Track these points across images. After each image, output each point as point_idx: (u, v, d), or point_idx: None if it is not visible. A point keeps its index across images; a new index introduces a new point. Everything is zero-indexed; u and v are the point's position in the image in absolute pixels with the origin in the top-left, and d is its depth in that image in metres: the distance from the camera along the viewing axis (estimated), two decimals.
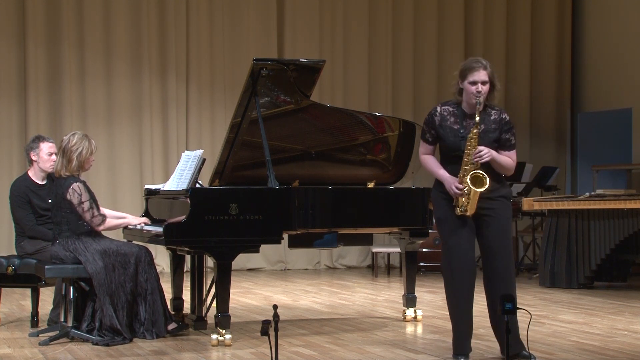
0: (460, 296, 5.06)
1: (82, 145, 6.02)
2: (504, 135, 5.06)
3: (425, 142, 5.17)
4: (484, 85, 4.95)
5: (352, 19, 11.81)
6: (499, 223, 5.06)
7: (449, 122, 5.06)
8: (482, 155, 4.92)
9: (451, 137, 5.03)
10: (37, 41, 10.38)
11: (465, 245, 5.03)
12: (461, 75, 5.02)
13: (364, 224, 6.33)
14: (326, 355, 5.45)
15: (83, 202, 5.93)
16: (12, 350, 5.63)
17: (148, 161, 10.84)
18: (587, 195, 9.15)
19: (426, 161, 5.19)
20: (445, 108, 5.11)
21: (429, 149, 5.18)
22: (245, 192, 5.84)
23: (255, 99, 6.06)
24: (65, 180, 5.97)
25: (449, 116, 5.07)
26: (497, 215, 5.05)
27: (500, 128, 5.05)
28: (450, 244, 5.06)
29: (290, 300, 8.26)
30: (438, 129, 5.07)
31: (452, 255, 5.05)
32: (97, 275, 5.78)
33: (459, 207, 5.00)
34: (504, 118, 5.08)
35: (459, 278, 5.04)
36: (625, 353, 5.48)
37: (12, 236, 7.42)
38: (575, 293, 8.64)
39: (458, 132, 5.01)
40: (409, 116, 11.38)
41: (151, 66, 10.84)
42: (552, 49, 12.72)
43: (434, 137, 5.13)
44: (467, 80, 4.97)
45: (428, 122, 5.14)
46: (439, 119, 5.08)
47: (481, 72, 4.95)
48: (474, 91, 4.94)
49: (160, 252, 9.78)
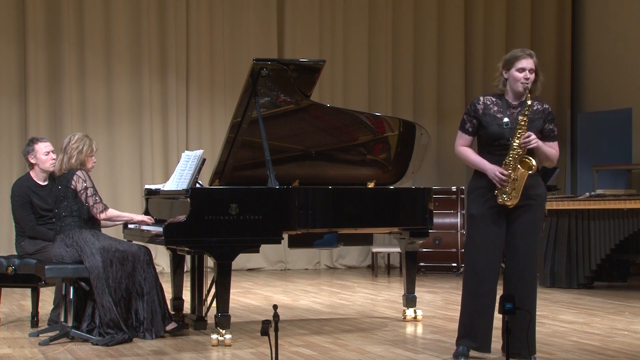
0: (482, 297, 5.05)
1: (83, 143, 6.08)
2: (547, 125, 5.11)
3: (465, 132, 5.14)
4: (531, 72, 5.01)
5: (352, 19, 11.81)
6: (529, 222, 5.06)
7: (493, 111, 5.07)
8: (531, 140, 4.93)
9: (495, 126, 5.03)
10: (37, 41, 10.38)
11: (493, 246, 5.04)
12: (506, 65, 5.06)
13: (364, 224, 6.33)
14: (326, 355, 5.45)
15: (87, 187, 5.98)
16: (12, 350, 5.63)
17: (148, 161, 10.84)
18: (587, 195, 9.15)
19: (465, 152, 5.15)
20: (488, 98, 5.14)
21: (468, 140, 5.16)
22: (245, 192, 5.84)
23: (256, 99, 6.07)
24: (67, 172, 6.03)
25: (492, 105, 5.09)
26: (531, 215, 5.06)
27: (544, 118, 5.10)
28: (479, 243, 5.05)
29: (290, 300, 8.26)
30: (481, 117, 5.07)
31: (478, 255, 5.05)
32: (94, 270, 5.80)
33: (501, 196, 4.98)
34: (546, 108, 5.14)
35: (484, 279, 5.03)
36: (625, 353, 5.48)
37: (12, 236, 7.42)
38: (575, 293, 8.64)
39: (502, 120, 5.03)
40: (409, 116, 11.39)
41: (151, 66, 10.84)
42: (552, 49, 12.72)
43: (474, 127, 5.11)
44: (515, 68, 5.01)
45: (470, 111, 5.13)
46: (482, 108, 5.09)
47: (529, 60, 5.01)
48: (521, 78, 4.99)
49: (160, 252, 9.78)
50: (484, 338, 5.11)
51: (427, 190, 6.56)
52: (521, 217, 5.05)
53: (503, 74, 5.10)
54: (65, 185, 6.00)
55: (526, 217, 5.05)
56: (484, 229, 5.05)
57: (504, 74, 5.09)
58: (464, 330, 5.14)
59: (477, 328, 5.09)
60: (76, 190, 5.98)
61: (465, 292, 5.16)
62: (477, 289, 5.07)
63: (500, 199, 5.00)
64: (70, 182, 5.99)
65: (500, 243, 5.07)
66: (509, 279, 5.10)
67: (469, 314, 5.11)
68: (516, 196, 4.98)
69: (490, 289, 5.06)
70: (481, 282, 5.05)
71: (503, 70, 5.09)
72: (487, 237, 5.04)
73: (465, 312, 5.14)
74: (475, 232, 5.09)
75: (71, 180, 5.99)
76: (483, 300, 5.06)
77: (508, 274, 5.12)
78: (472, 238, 5.11)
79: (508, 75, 5.07)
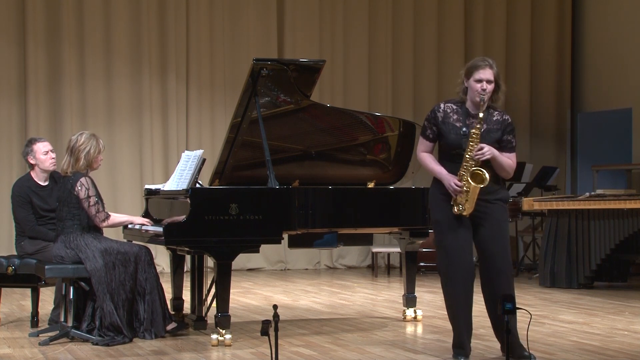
0: (459, 298, 5.04)
1: (90, 144, 6.04)
2: (505, 136, 5.06)
3: (426, 139, 5.15)
4: (489, 84, 4.97)
5: (352, 19, 11.81)
6: (496, 225, 5.04)
7: (452, 120, 5.05)
8: (484, 152, 4.91)
9: (453, 134, 5.02)
10: (37, 41, 10.38)
11: (463, 246, 5.01)
12: (467, 73, 5.04)
13: (364, 224, 6.32)
14: (326, 355, 5.45)
15: (90, 196, 5.95)
16: (12, 350, 5.63)
17: (148, 161, 10.84)
18: (587, 195, 9.15)
19: (424, 159, 5.16)
20: (448, 105, 5.11)
21: (429, 147, 5.16)
22: (245, 192, 5.84)
23: (256, 99, 6.07)
24: (72, 176, 6.01)
25: (452, 113, 5.07)
26: (494, 218, 5.04)
27: (502, 129, 5.06)
28: (448, 245, 5.03)
29: (290, 300, 8.26)
30: (440, 126, 5.06)
31: (449, 257, 5.02)
32: (95, 273, 5.79)
33: (457, 206, 4.99)
34: (506, 119, 5.09)
35: (457, 280, 5.01)
36: (625, 353, 5.48)
37: (12, 236, 7.42)
38: (575, 293, 8.64)
39: (460, 129, 5.00)
40: (409, 116, 11.38)
41: (151, 66, 10.84)
42: (552, 49, 12.72)
43: (434, 134, 5.11)
44: (473, 78, 4.98)
45: (430, 118, 5.13)
46: (441, 116, 5.08)
47: (487, 71, 4.97)
48: (478, 89, 4.95)
49: (160, 252, 9.78)
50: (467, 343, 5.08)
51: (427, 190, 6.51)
52: (485, 221, 5.03)
53: (464, 81, 5.06)
54: (69, 190, 5.98)
55: (490, 221, 5.03)
56: (451, 233, 5.01)
57: (465, 82, 5.05)
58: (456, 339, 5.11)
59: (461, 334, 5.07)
60: (79, 198, 5.96)
61: (445, 298, 5.12)
62: (452, 290, 5.04)
63: (455, 209, 4.99)
64: (74, 188, 5.96)
65: (469, 244, 5.04)
66: (486, 281, 5.06)
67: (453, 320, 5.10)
68: (470, 207, 4.97)
69: (465, 290, 5.03)
70: (455, 282, 5.02)
71: (465, 78, 5.05)
72: (455, 240, 5.01)
73: (450, 318, 5.13)
74: (443, 237, 5.06)
75: (75, 186, 5.95)
76: (459, 300, 5.04)
77: (484, 277, 5.08)
78: (441, 243, 5.07)
79: (468, 84, 5.03)
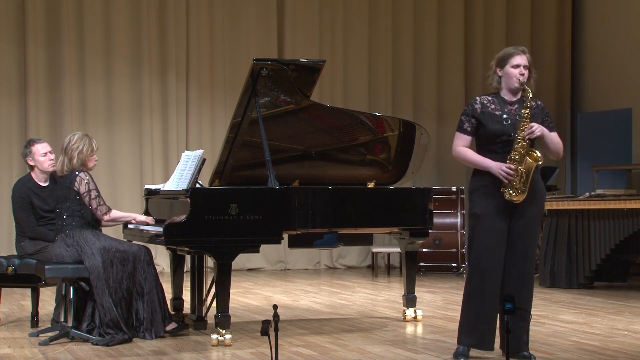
0: (486, 296, 5.04)
1: (83, 143, 6.06)
2: (545, 118, 5.14)
3: (464, 132, 5.14)
4: (525, 69, 5.05)
5: (352, 19, 11.81)
6: (533, 216, 5.09)
7: (491, 109, 5.09)
8: (534, 129, 4.96)
9: (495, 123, 5.05)
10: (37, 41, 10.38)
11: (498, 245, 5.03)
12: (500, 62, 5.11)
13: (364, 224, 6.33)
14: (326, 355, 5.45)
15: (90, 190, 5.97)
16: (12, 350, 5.63)
17: (148, 161, 10.85)
18: (587, 195, 9.14)
19: (465, 152, 5.14)
20: (484, 97, 5.16)
21: (467, 141, 5.16)
22: (245, 192, 5.84)
23: (256, 99, 6.07)
24: (69, 174, 6.02)
25: (489, 104, 5.11)
26: (534, 208, 5.08)
27: (539, 113, 5.12)
28: (484, 242, 5.04)
29: (290, 300, 8.26)
30: (480, 117, 5.08)
31: (483, 254, 5.04)
32: (94, 270, 5.80)
33: (509, 191, 4.98)
34: (540, 104, 5.17)
35: (488, 278, 5.03)
36: (625, 353, 5.48)
37: (12, 236, 7.43)
38: (575, 293, 8.64)
39: (501, 117, 5.05)
40: (409, 116, 11.39)
41: (151, 66, 10.84)
42: (552, 49, 12.72)
43: (473, 127, 5.11)
44: (510, 65, 5.06)
45: (468, 111, 5.14)
46: (479, 107, 5.10)
47: (523, 56, 5.07)
48: (516, 74, 5.03)
49: (160, 252, 9.78)
50: (486, 336, 5.09)
51: (427, 190, 6.56)
52: (526, 211, 5.05)
53: (497, 72, 5.13)
54: (68, 186, 5.99)
55: (530, 211, 5.06)
56: (488, 228, 5.04)
57: (498, 72, 5.13)
58: (466, 327, 5.12)
59: (478, 326, 5.07)
60: (79, 193, 5.97)
61: (468, 291, 5.14)
62: (481, 288, 5.06)
63: (507, 195, 5.00)
64: (73, 184, 5.98)
65: (504, 241, 5.07)
66: (509, 276, 5.09)
67: (472, 312, 5.09)
68: (524, 190, 4.99)
69: (494, 288, 5.05)
70: (485, 281, 5.04)
71: (497, 69, 5.13)
72: (492, 236, 5.04)
73: (467, 310, 5.13)
74: (479, 231, 5.07)
75: (74, 182, 5.98)
76: (486, 299, 5.05)
77: (508, 272, 5.10)
78: (477, 237, 5.09)
79: (502, 73, 5.10)
